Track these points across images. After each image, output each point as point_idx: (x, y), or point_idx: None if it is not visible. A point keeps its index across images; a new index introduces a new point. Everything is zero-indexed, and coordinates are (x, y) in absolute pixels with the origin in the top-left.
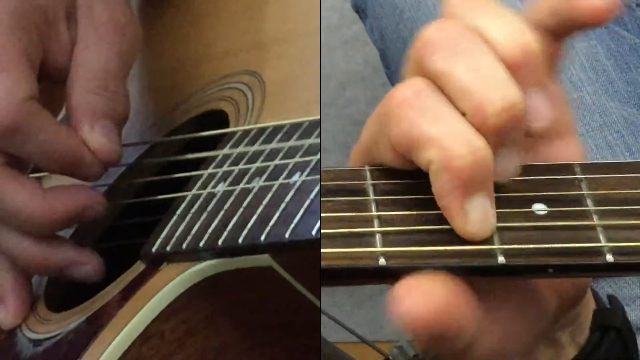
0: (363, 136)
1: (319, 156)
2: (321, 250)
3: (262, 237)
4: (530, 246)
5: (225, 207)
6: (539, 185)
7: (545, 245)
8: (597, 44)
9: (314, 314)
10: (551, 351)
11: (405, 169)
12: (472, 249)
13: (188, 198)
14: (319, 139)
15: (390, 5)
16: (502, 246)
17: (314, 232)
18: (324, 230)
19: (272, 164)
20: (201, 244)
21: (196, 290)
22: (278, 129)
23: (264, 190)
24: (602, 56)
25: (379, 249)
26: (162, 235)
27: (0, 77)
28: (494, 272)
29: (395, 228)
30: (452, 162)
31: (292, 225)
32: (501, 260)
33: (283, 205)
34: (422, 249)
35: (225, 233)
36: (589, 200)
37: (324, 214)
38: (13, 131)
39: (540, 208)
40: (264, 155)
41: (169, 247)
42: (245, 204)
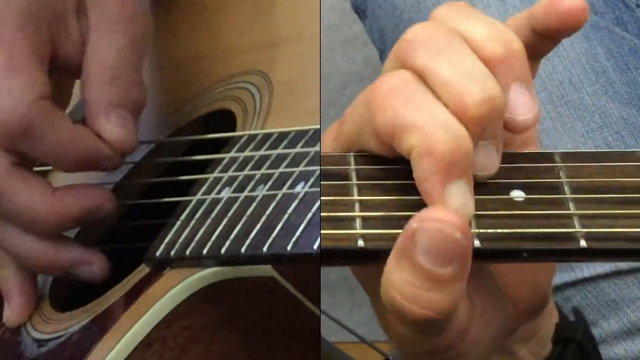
0: (345, 125)
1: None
2: None
3: (265, 248)
4: (505, 231)
5: (229, 215)
6: (519, 173)
7: (520, 230)
8: (597, 45)
9: (314, 321)
10: None
11: (388, 156)
12: None
13: (193, 203)
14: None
15: (390, 5)
16: (478, 230)
17: (315, 247)
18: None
19: (276, 172)
20: (204, 251)
21: (199, 297)
22: (283, 136)
23: (267, 199)
24: (602, 57)
25: (358, 231)
26: (166, 240)
27: (11, 77)
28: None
29: (375, 213)
30: (434, 147)
31: (295, 238)
32: (477, 243)
33: (286, 216)
34: (399, 232)
35: (229, 242)
36: (567, 188)
37: None
38: (26, 132)
39: (518, 195)
40: (269, 162)
41: (172, 253)
42: (249, 212)
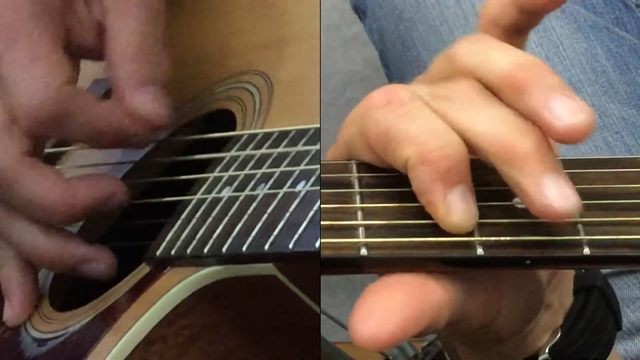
0: (342, 138)
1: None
2: None
3: (266, 247)
4: (508, 238)
5: (230, 214)
6: None
7: (523, 238)
8: (597, 45)
9: (315, 320)
10: (546, 316)
11: (384, 167)
12: (451, 241)
13: (193, 202)
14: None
15: (390, 6)
16: (481, 238)
17: (317, 245)
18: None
19: (277, 171)
20: (205, 250)
21: (200, 296)
22: (284, 135)
23: (268, 198)
24: (602, 57)
25: (361, 239)
26: (167, 238)
27: (36, 65)
28: (473, 263)
29: (377, 222)
30: (429, 155)
31: (296, 237)
32: (480, 252)
33: (287, 214)
34: (402, 240)
35: (230, 240)
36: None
37: None
38: (57, 117)
39: (520, 201)
40: (269, 161)
41: (173, 251)
42: (250, 211)
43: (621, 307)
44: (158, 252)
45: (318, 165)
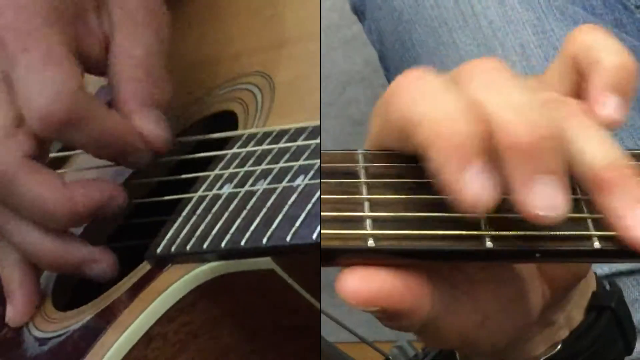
0: (372, 129)
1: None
2: None
3: (264, 240)
4: (518, 232)
5: (230, 209)
6: None
7: (533, 232)
8: None
9: (315, 315)
10: (547, 331)
11: (409, 153)
12: (460, 233)
13: (194, 199)
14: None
15: (389, 7)
16: (490, 232)
17: (314, 236)
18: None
19: (277, 167)
20: (205, 245)
21: (199, 292)
22: (283, 133)
23: (267, 193)
24: None
25: (369, 231)
26: (167, 236)
27: (51, 69)
28: (482, 256)
29: (384, 213)
30: (446, 130)
31: (294, 229)
32: (489, 244)
33: (286, 208)
34: (411, 232)
35: (228, 235)
36: (579, 189)
37: None
38: (70, 122)
39: None
40: (269, 157)
41: (173, 249)
42: (249, 206)
43: None
44: (159, 250)
45: (317, 160)
